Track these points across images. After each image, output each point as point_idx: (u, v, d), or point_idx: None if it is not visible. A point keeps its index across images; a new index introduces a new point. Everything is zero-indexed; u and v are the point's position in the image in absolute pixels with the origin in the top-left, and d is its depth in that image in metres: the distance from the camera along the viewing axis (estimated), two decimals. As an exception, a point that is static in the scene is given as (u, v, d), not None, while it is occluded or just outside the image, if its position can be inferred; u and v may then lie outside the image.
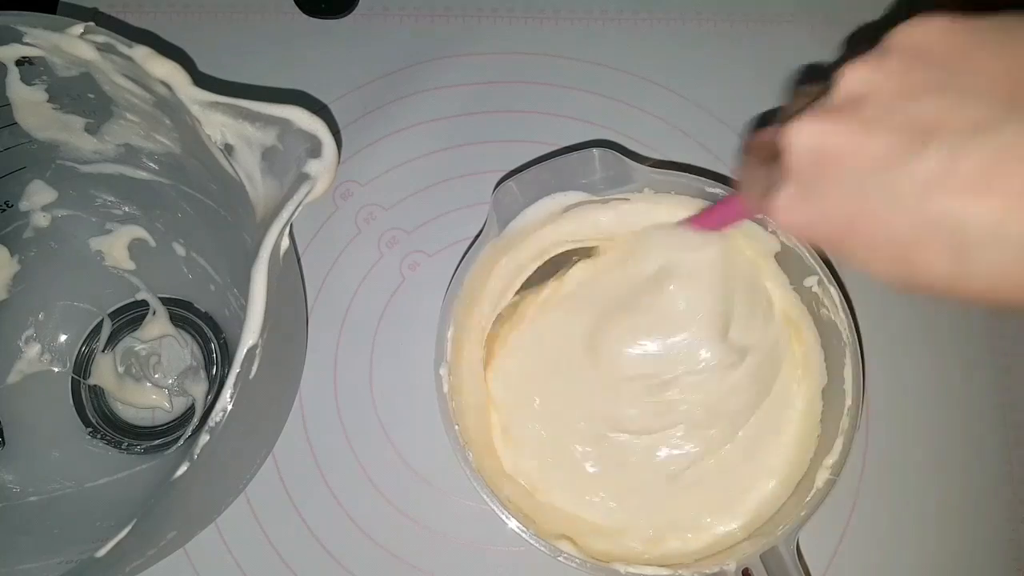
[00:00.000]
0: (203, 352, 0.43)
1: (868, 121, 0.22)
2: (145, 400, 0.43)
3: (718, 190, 0.37)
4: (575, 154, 0.37)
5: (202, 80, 0.33)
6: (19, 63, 0.31)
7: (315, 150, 0.28)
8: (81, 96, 0.33)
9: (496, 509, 0.34)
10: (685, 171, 0.37)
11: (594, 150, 0.37)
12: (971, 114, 0.20)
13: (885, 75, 0.22)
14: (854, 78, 0.23)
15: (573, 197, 0.37)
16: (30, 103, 0.33)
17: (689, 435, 0.39)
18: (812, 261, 0.37)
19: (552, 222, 0.38)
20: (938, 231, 0.21)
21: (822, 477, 0.35)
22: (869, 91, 0.22)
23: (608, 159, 0.36)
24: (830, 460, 0.35)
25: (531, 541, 0.34)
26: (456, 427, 0.35)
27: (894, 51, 0.23)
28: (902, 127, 0.21)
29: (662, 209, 0.38)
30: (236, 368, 0.26)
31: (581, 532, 0.38)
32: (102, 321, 0.43)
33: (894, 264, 0.22)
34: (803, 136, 0.23)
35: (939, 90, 0.21)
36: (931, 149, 0.20)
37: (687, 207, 0.38)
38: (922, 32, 0.22)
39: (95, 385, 0.43)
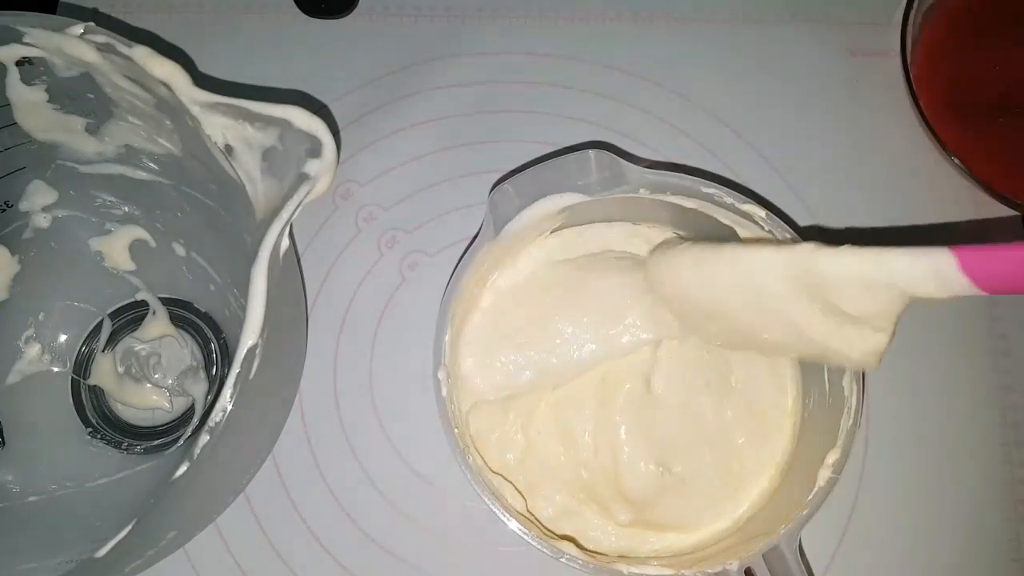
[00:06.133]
0: (203, 352, 0.43)
1: None
2: (145, 400, 0.43)
3: (712, 190, 0.37)
4: (571, 155, 0.37)
5: (202, 80, 0.33)
6: (19, 63, 0.31)
7: (315, 150, 0.28)
8: (81, 97, 0.33)
9: (496, 510, 0.34)
10: (682, 171, 0.37)
11: (590, 151, 0.36)
12: None
13: None
14: None
15: (569, 199, 0.36)
16: (30, 103, 0.33)
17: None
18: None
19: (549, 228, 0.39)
20: None
21: (824, 476, 0.35)
22: None
23: (604, 160, 0.36)
24: (831, 458, 0.35)
25: (532, 542, 0.34)
26: (456, 430, 0.35)
27: None
28: None
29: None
30: (236, 368, 0.26)
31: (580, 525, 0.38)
32: (102, 321, 0.43)
33: None
34: None
35: None
36: None
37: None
38: None
39: (95, 385, 0.43)
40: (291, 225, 0.28)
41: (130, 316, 0.44)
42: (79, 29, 0.29)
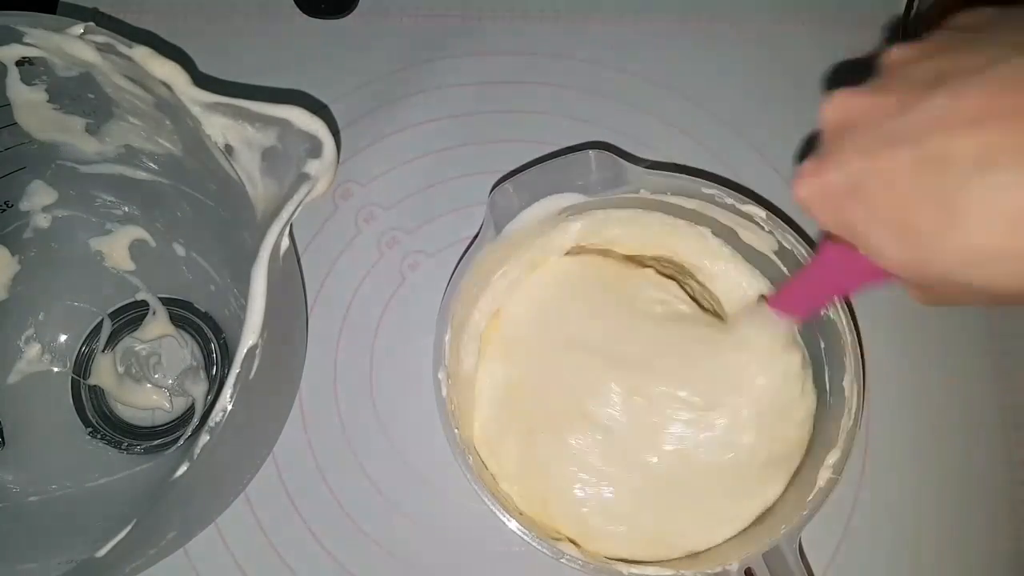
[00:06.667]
0: (203, 352, 0.43)
1: (889, 83, 0.24)
2: (145, 400, 0.43)
3: (713, 190, 0.37)
4: (571, 156, 0.37)
5: (202, 80, 0.33)
6: (19, 63, 0.31)
7: (315, 150, 0.28)
8: (81, 97, 0.33)
9: (496, 510, 0.34)
10: (682, 171, 0.37)
11: (589, 151, 0.36)
12: (978, 60, 0.21)
13: (919, 48, 0.24)
14: (894, 56, 0.25)
15: (569, 199, 0.36)
16: (30, 103, 0.33)
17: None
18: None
19: (552, 227, 0.38)
20: (931, 174, 0.21)
21: (824, 476, 0.35)
22: (903, 62, 0.24)
23: (603, 160, 0.36)
24: (832, 459, 0.35)
25: (532, 542, 0.34)
26: (456, 431, 0.35)
27: (937, 33, 0.24)
28: (916, 81, 0.23)
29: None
30: (236, 368, 0.26)
31: (581, 530, 0.38)
32: (102, 321, 0.43)
33: (895, 237, 0.23)
34: (831, 108, 0.25)
35: (957, 49, 0.22)
36: (937, 92, 0.22)
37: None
38: (965, 16, 0.24)
39: (95, 385, 0.43)
40: (291, 225, 0.28)
41: (130, 316, 0.44)
42: (79, 29, 0.29)
